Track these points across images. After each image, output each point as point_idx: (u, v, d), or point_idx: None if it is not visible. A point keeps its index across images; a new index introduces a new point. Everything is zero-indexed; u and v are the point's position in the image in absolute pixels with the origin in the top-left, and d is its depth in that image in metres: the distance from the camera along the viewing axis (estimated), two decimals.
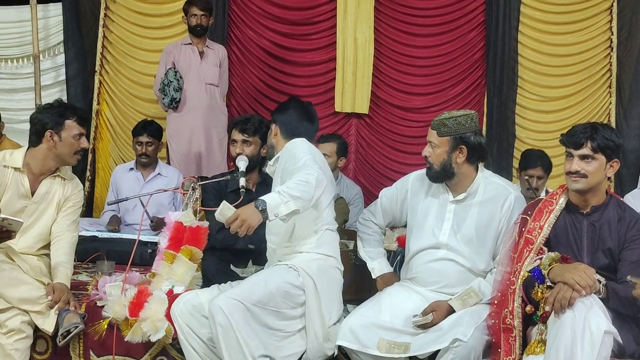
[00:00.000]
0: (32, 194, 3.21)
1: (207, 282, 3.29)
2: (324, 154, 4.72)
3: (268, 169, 3.20)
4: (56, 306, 3.01)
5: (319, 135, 5.06)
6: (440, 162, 2.96)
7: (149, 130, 4.84)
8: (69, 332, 2.94)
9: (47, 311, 3.01)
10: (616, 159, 2.67)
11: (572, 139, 2.69)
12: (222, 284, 3.08)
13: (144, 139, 4.83)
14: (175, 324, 2.93)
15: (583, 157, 2.66)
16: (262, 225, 2.91)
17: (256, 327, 2.75)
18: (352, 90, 5.75)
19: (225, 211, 2.67)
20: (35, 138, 3.22)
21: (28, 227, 3.19)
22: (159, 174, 4.89)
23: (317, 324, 2.90)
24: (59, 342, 2.96)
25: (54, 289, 3.04)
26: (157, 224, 4.33)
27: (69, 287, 3.14)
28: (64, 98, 5.79)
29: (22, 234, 3.13)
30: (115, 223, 4.68)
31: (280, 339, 2.84)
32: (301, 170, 2.80)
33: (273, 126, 3.17)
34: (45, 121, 3.20)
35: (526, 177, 4.36)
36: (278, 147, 3.13)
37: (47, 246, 3.27)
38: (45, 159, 3.23)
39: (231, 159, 3.78)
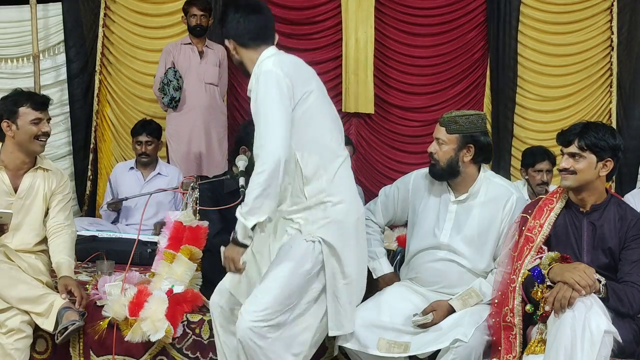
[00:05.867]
0: (15, 190, 3.18)
1: (206, 282, 3.28)
2: None
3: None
4: (77, 303, 3.00)
5: None
6: (446, 160, 2.94)
7: (148, 129, 4.85)
8: (66, 328, 2.93)
9: (47, 312, 2.99)
10: (609, 159, 2.66)
11: (563, 136, 2.73)
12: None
13: (143, 138, 4.83)
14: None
15: (572, 155, 2.68)
16: None
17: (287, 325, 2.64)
18: (355, 90, 5.75)
19: None
20: (0, 132, 3.19)
21: (19, 224, 3.17)
22: (159, 173, 4.89)
23: (340, 285, 2.70)
24: (57, 338, 2.96)
25: (67, 286, 3.02)
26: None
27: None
28: (65, 98, 5.83)
29: (14, 232, 3.13)
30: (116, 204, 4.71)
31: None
32: (258, 154, 2.52)
33: (229, 42, 2.80)
34: (0, 113, 3.16)
35: (533, 173, 4.41)
36: (246, 60, 2.77)
37: (43, 242, 3.25)
38: (13, 151, 3.18)
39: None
